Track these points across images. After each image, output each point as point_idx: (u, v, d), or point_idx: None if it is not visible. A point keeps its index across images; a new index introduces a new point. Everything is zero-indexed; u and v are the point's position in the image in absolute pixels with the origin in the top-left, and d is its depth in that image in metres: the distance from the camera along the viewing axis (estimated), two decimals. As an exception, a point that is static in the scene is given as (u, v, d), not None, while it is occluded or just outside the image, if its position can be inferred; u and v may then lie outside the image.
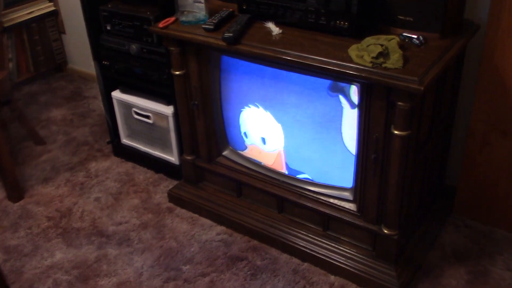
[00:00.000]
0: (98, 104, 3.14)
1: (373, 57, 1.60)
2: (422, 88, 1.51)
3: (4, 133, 2.66)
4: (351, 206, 1.93)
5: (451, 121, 2.14)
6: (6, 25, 3.13)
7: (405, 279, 1.91)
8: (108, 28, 2.39)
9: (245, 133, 2.15)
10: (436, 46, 1.69)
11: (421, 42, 1.71)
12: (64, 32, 3.49)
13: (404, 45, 1.70)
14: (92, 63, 2.57)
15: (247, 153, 2.18)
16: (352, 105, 1.77)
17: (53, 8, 3.38)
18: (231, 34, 1.81)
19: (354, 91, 1.75)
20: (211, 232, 2.24)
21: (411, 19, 1.75)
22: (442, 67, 1.61)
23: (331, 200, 1.97)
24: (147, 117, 2.47)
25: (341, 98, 1.80)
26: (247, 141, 2.16)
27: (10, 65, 3.25)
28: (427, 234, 2.12)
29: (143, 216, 2.35)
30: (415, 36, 1.73)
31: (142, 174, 2.61)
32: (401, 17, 1.76)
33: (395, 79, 1.55)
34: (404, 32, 1.76)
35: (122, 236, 2.25)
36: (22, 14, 3.23)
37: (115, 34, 2.39)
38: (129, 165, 2.68)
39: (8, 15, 3.15)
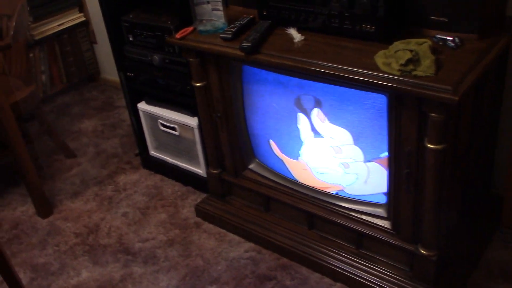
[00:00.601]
0: (128, 114, 3.09)
1: (401, 64, 1.46)
2: (457, 98, 1.35)
3: (31, 148, 2.65)
4: (385, 224, 1.79)
5: (495, 126, 1.96)
6: (37, 37, 3.13)
7: (446, 302, 1.75)
8: (131, 39, 2.33)
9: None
10: (473, 49, 1.53)
11: (457, 45, 1.55)
12: (95, 42, 3.47)
13: (438, 48, 1.54)
14: (122, 73, 2.52)
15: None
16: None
17: (83, 19, 3.35)
18: (249, 44, 1.70)
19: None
20: (239, 249, 2.14)
21: (446, 20, 1.58)
22: (480, 72, 1.44)
23: (364, 217, 1.84)
24: (173, 129, 2.40)
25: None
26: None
27: (43, 77, 3.25)
28: (471, 251, 1.94)
29: (170, 232, 2.28)
30: (450, 38, 1.56)
31: (170, 187, 2.54)
32: (434, 18, 1.60)
33: (426, 89, 1.40)
34: (438, 34, 1.59)
35: (148, 253, 2.18)
36: (53, 26, 3.21)
37: (138, 45, 2.32)
38: (157, 178, 2.61)
39: (39, 28, 3.14)
